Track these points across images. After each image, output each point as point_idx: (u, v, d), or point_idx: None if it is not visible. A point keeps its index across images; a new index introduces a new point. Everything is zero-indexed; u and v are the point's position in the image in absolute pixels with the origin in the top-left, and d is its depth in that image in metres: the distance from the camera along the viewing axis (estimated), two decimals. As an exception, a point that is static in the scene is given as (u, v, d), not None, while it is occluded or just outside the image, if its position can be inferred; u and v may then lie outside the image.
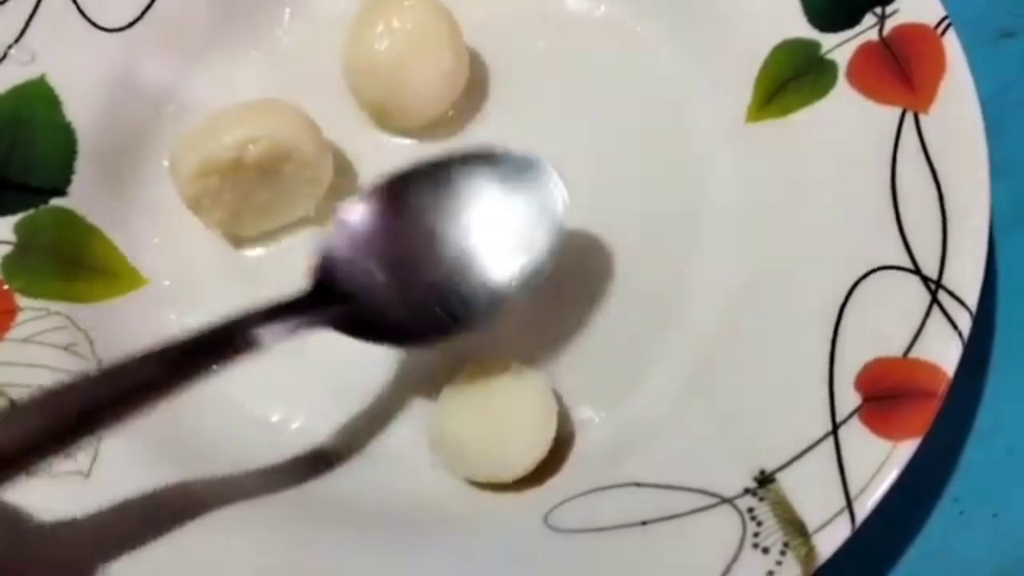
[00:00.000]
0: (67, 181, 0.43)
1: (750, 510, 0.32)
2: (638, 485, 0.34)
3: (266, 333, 0.34)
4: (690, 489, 0.33)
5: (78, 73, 0.45)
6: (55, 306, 0.40)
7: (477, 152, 0.39)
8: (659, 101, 0.45)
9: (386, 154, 0.46)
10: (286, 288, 0.41)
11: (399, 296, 0.37)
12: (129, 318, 0.42)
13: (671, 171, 0.43)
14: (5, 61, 0.44)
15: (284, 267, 0.43)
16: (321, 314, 0.36)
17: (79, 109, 0.45)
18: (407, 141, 0.46)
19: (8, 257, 0.41)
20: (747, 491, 0.33)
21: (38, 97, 0.44)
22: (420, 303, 0.37)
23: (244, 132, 0.41)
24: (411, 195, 0.38)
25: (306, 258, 0.38)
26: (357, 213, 0.38)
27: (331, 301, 0.36)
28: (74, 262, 0.42)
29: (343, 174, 0.45)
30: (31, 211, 0.42)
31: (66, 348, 0.39)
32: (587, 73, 0.46)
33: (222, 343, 0.33)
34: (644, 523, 0.33)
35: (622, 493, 0.34)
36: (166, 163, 0.43)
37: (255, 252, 0.44)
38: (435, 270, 0.37)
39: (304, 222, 0.44)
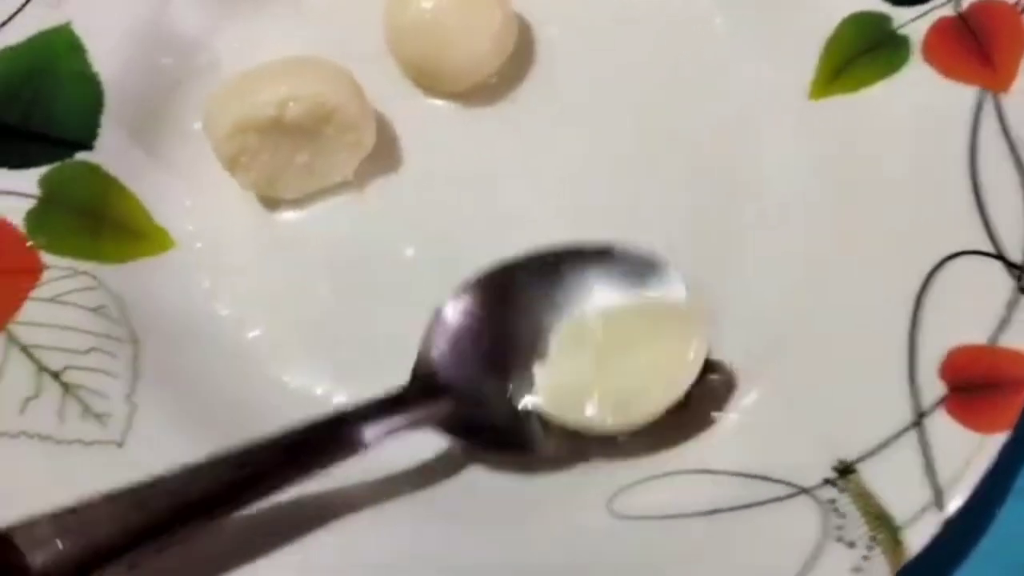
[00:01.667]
0: (93, 135, 0.41)
1: (831, 501, 0.31)
2: (709, 472, 0.32)
3: (368, 431, 0.32)
4: (764, 478, 0.32)
5: (105, 21, 0.43)
6: (82, 265, 0.38)
7: (594, 247, 0.36)
8: (714, 74, 0.43)
9: (426, 118, 0.44)
10: (321, 256, 0.41)
11: (503, 399, 0.35)
12: (160, 282, 0.40)
13: (727, 149, 0.41)
14: (30, 4, 0.41)
15: (320, 233, 0.42)
16: (425, 412, 0.34)
17: (105, 59, 0.42)
18: (449, 104, 0.44)
19: (32, 212, 0.39)
20: (827, 481, 0.31)
21: (63, 45, 0.42)
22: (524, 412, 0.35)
23: (285, 89, 0.39)
24: (519, 289, 0.36)
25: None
26: (461, 305, 0.36)
27: (434, 397, 0.34)
28: (100, 219, 0.40)
29: (382, 138, 0.42)
30: (56, 164, 0.40)
31: (95, 310, 0.37)
32: (638, 44, 0.44)
33: (327, 442, 0.32)
34: (714, 511, 0.31)
35: (690, 480, 0.33)
36: (196, 125, 0.41)
37: (290, 216, 0.42)
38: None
39: (342, 186, 0.42)
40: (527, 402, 0.34)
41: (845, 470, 0.31)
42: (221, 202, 0.42)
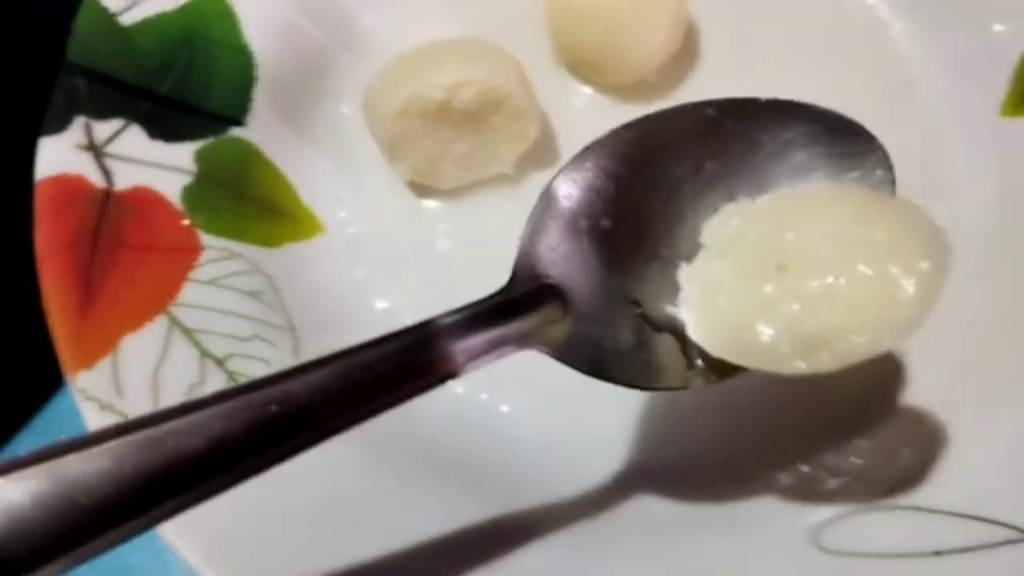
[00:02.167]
0: (245, 109, 0.39)
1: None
2: (920, 510, 0.30)
3: (459, 348, 0.25)
4: (982, 519, 0.30)
5: (258, -10, 0.40)
6: (237, 247, 0.37)
7: (774, 103, 0.28)
8: (895, 86, 0.41)
9: (587, 111, 0.42)
10: (477, 251, 0.39)
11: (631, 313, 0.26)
12: (312, 269, 0.38)
13: (909, 168, 0.39)
14: (181, -30, 0.39)
15: (476, 226, 0.40)
16: (529, 323, 0.26)
17: (257, 30, 0.40)
18: (606, 98, 0.42)
19: (189, 188, 0.37)
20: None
21: (215, 13, 0.40)
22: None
23: (456, 73, 0.37)
24: (662, 158, 0.28)
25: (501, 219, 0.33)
26: (580, 178, 0.29)
27: (540, 304, 0.27)
28: (251, 200, 0.38)
29: (540, 131, 0.40)
30: (210, 140, 0.38)
31: (253, 295, 0.35)
32: (807, 51, 0.42)
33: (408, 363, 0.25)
34: (937, 553, 0.29)
35: (900, 517, 0.31)
36: (345, 108, 0.40)
37: (442, 206, 0.40)
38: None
39: (500, 180, 0.40)
40: (668, 317, 0.27)
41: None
42: (371, 189, 0.40)
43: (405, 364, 0.25)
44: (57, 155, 0.35)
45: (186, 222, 0.36)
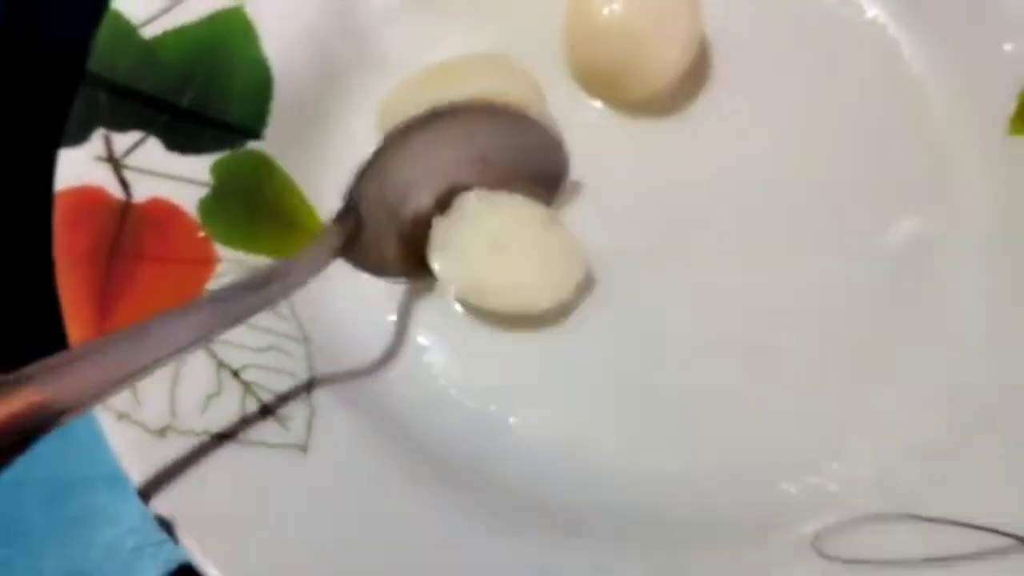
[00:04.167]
0: (263, 123, 0.40)
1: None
2: (918, 518, 0.31)
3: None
4: (980, 527, 0.30)
5: (278, 5, 0.41)
6: (252, 259, 0.37)
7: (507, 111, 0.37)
8: (904, 104, 0.41)
9: (600, 126, 0.42)
10: None
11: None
12: (326, 281, 0.38)
13: (913, 186, 0.40)
14: (203, -16, 0.40)
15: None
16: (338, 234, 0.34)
17: (276, 44, 0.41)
18: (619, 115, 0.43)
19: (206, 200, 0.37)
20: (1056, 539, 0.30)
21: (235, 28, 0.41)
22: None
23: (471, 89, 0.38)
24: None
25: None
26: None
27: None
28: (266, 212, 0.39)
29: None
30: (227, 152, 0.38)
31: (267, 306, 0.36)
32: (823, 66, 0.43)
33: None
34: (933, 560, 0.30)
35: (899, 525, 0.31)
36: (360, 124, 0.41)
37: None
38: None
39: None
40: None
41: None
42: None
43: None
44: (76, 167, 0.36)
45: (203, 234, 0.36)
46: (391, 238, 0.37)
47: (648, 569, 0.31)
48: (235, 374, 0.34)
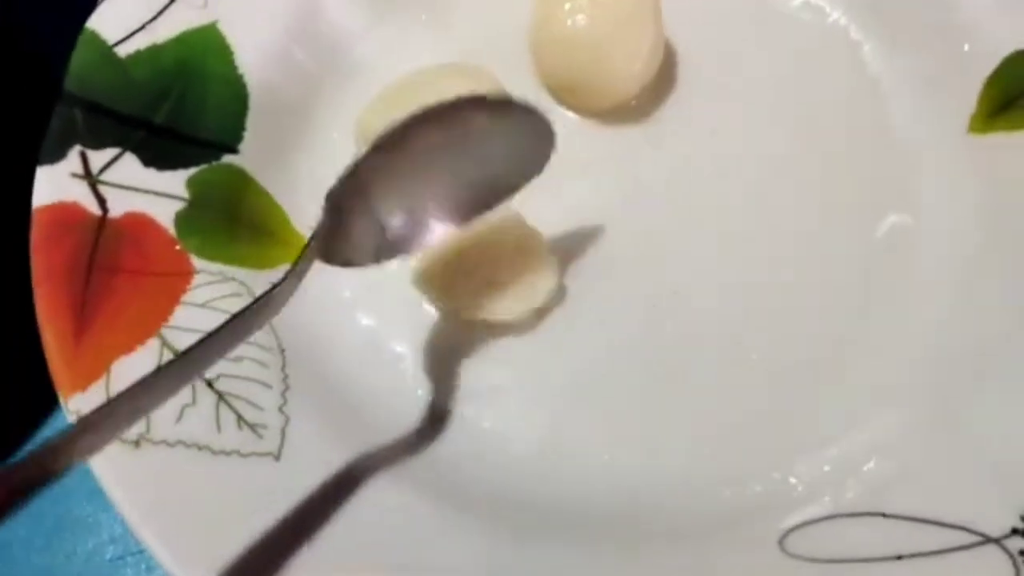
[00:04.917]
0: (238, 137, 0.40)
1: (1022, 553, 0.30)
2: (884, 516, 0.32)
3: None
4: (945, 524, 0.31)
5: (251, 21, 0.42)
6: (230, 271, 0.38)
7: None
8: (866, 106, 0.42)
9: (568, 135, 0.42)
10: None
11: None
12: (302, 291, 0.38)
13: (878, 184, 0.40)
14: (176, 3, 0.41)
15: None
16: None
17: (250, 59, 0.41)
18: (587, 122, 0.43)
19: (182, 214, 0.38)
20: (1015, 531, 0.30)
21: (209, 45, 0.41)
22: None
23: (446, 96, 0.38)
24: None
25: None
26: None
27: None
28: (244, 223, 0.40)
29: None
30: (203, 167, 0.39)
31: (244, 317, 0.36)
32: (781, 72, 0.44)
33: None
34: (899, 557, 0.30)
35: (865, 523, 0.32)
36: (335, 135, 0.42)
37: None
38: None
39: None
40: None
41: (1035, 520, 0.30)
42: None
43: None
44: (53, 184, 0.36)
45: (179, 247, 0.37)
46: (370, 227, 0.36)
47: (614, 566, 0.32)
48: (210, 384, 0.34)
